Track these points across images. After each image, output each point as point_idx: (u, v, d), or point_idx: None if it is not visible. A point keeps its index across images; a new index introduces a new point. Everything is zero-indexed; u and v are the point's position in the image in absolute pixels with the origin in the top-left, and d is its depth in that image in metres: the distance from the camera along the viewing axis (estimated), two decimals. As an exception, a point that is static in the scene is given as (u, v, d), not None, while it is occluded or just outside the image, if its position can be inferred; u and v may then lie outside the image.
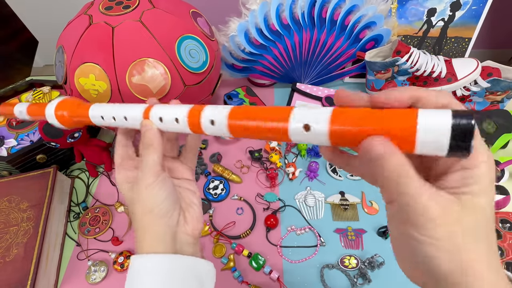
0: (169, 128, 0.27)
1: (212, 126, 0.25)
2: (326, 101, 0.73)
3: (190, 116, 0.26)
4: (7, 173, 0.63)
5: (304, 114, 0.21)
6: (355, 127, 0.18)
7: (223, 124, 0.24)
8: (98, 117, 0.31)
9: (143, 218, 0.27)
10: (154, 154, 0.27)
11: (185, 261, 0.27)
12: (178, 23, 0.55)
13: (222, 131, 0.24)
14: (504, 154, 0.65)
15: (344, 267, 0.52)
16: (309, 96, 0.75)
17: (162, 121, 0.27)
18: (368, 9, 0.68)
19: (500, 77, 0.64)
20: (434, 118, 0.16)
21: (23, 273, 0.48)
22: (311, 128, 0.20)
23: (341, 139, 0.19)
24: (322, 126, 0.19)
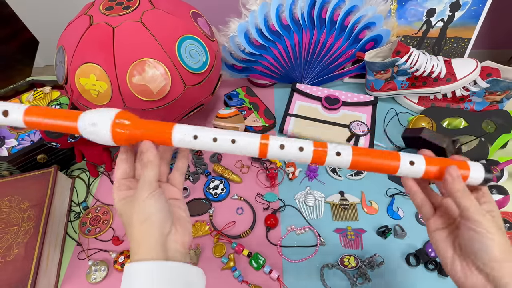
0: (288, 156, 0.32)
1: (338, 158, 0.31)
2: (326, 101, 0.73)
3: (316, 146, 0.31)
4: (8, 173, 0.64)
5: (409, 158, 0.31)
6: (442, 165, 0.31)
7: (347, 160, 0.31)
8: (189, 136, 0.31)
9: (140, 227, 0.29)
10: (152, 171, 0.31)
11: (175, 267, 0.29)
12: (178, 24, 0.55)
13: (344, 164, 0.31)
14: (504, 154, 0.65)
15: (344, 266, 0.52)
16: (309, 96, 0.75)
17: (283, 148, 0.31)
18: (367, 10, 0.68)
19: (500, 77, 0.64)
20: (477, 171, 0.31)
21: (23, 273, 0.49)
22: (415, 164, 0.31)
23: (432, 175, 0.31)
24: (421, 165, 0.31)
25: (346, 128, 0.69)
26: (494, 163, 0.58)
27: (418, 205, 0.34)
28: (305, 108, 0.74)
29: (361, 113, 0.72)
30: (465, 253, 0.29)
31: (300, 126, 0.70)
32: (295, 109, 0.74)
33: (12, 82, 0.76)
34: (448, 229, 0.32)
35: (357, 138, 0.67)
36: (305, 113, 0.73)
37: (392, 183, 0.63)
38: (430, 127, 0.65)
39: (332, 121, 0.71)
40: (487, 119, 0.64)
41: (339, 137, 0.68)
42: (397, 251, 0.54)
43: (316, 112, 0.73)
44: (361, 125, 0.69)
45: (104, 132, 0.30)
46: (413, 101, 0.75)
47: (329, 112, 0.73)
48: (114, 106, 0.53)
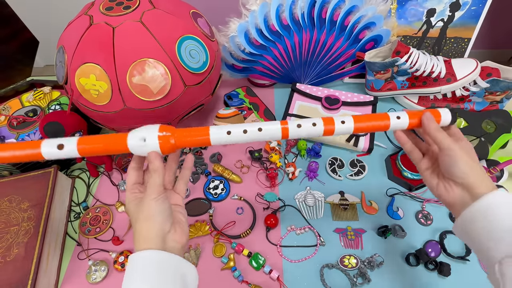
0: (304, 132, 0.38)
1: (344, 125, 0.38)
2: (326, 101, 0.73)
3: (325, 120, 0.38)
4: (8, 173, 0.64)
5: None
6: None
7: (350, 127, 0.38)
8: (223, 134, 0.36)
9: (144, 223, 0.34)
10: (158, 177, 0.35)
11: (171, 257, 0.34)
12: (178, 24, 0.55)
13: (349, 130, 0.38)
14: (504, 154, 0.65)
15: (344, 266, 0.52)
16: (309, 96, 0.75)
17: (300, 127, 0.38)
18: (367, 10, 0.68)
19: (499, 77, 0.64)
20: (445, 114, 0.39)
21: (23, 273, 0.49)
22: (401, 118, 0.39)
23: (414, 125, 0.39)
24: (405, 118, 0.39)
25: None
26: (494, 163, 0.58)
27: (408, 151, 0.43)
28: (305, 108, 0.74)
29: (361, 113, 0.72)
30: (445, 176, 0.39)
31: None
32: (295, 109, 0.74)
33: (12, 82, 0.76)
34: (433, 167, 0.41)
35: (357, 138, 0.66)
36: (305, 113, 0.72)
37: (392, 183, 0.64)
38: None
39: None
40: (487, 119, 0.64)
41: (339, 137, 0.68)
42: (397, 251, 0.54)
43: (316, 112, 0.73)
44: None
45: (153, 145, 0.35)
46: (413, 101, 0.75)
47: (329, 112, 0.73)
48: (114, 106, 0.54)
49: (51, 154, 0.34)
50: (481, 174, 0.36)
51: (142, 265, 0.32)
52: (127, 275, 0.32)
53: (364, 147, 0.66)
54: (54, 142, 0.34)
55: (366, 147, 0.66)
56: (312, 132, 0.38)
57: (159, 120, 0.59)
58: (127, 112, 0.55)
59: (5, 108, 0.72)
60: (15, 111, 0.71)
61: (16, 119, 0.68)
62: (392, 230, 0.56)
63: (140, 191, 0.38)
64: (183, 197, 0.41)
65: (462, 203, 0.36)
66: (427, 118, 0.38)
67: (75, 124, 0.58)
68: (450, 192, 0.37)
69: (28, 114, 0.70)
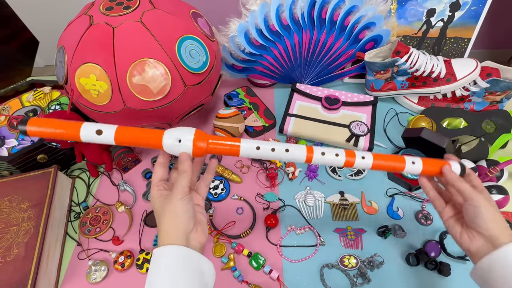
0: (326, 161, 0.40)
1: (363, 161, 0.41)
2: (326, 101, 0.73)
3: (347, 153, 0.40)
4: (8, 173, 0.64)
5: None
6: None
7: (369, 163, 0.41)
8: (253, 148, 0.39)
9: (170, 221, 0.36)
10: (186, 178, 0.37)
11: (194, 255, 0.35)
12: (178, 24, 0.55)
13: (367, 166, 0.41)
14: (504, 154, 0.65)
15: (344, 266, 0.52)
16: (308, 96, 0.75)
17: (324, 155, 0.40)
18: (367, 10, 0.69)
19: (499, 77, 0.64)
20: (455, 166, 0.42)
21: (23, 273, 0.49)
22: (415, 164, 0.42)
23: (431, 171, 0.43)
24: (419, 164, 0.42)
25: (346, 128, 0.69)
26: (494, 163, 0.58)
27: (432, 199, 0.44)
28: (305, 108, 0.73)
29: (361, 113, 0.72)
30: (468, 225, 0.39)
31: (300, 126, 0.70)
32: (295, 109, 0.73)
33: (12, 82, 0.76)
34: (456, 216, 0.42)
35: (357, 138, 0.67)
36: (305, 113, 0.72)
37: (392, 183, 0.64)
38: (430, 127, 0.65)
39: (332, 121, 0.70)
40: (487, 119, 0.64)
41: (339, 137, 0.68)
42: (397, 251, 0.54)
43: (316, 112, 0.73)
44: (361, 125, 0.68)
45: (186, 147, 0.37)
46: (413, 101, 0.75)
47: (329, 112, 0.73)
48: (114, 106, 0.54)
49: (88, 137, 0.36)
50: (503, 225, 0.37)
51: (168, 260, 0.34)
52: (152, 269, 0.34)
53: (364, 147, 0.66)
54: (94, 127, 0.36)
55: (366, 147, 0.66)
56: (334, 162, 0.40)
57: (159, 120, 0.59)
58: (127, 112, 0.55)
59: (5, 108, 0.72)
60: (15, 111, 0.71)
61: (16, 119, 0.68)
62: (392, 230, 0.56)
63: (165, 188, 0.39)
64: (204, 198, 0.43)
65: (484, 252, 0.37)
66: (447, 170, 0.41)
67: (75, 124, 0.58)
68: (474, 241, 0.38)
69: (28, 114, 0.70)
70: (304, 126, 0.70)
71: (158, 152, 0.70)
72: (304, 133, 0.69)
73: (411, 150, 0.64)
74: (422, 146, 0.60)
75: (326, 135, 0.68)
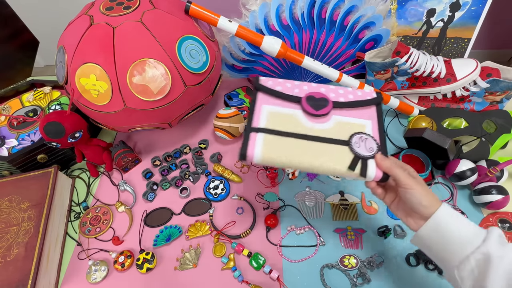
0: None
1: None
2: (309, 103, 0.46)
3: None
4: (8, 173, 0.64)
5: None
6: None
7: None
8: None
9: None
10: None
11: None
12: (178, 24, 0.55)
13: None
14: (504, 154, 0.65)
15: (344, 266, 0.52)
16: (281, 96, 0.48)
17: None
18: (367, 10, 0.69)
19: (499, 78, 0.64)
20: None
21: (24, 273, 0.49)
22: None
23: None
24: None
25: (345, 146, 0.44)
26: (494, 163, 0.58)
27: (372, 190, 0.46)
28: (277, 116, 0.46)
29: (363, 119, 0.47)
30: (409, 210, 0.42)
31: (273, 148, 0.43)
32: (262, 119, 0.46)
33: (12, 82, 0.76)
34: (396, 200, 0.44)
35: (365, 162, 0.43)
36: (278, 125, 0.45)
37: (392, 183, 0.63)
38: (430, 127, 0.65)
39: (321, 135, 0.44)
40: (488, 119, 0.64)
41: (336, 162, 0.43)
42: (397, 251, 0.54)
43: (295, 122, 0.46)
44: (367, 140, 0.44)
45: None
46: (413, 101, 0.75)
47: (316, 120, 0.46)
48: (114, 106, 0.54)
49: None
50: (433, 198, 0.41)
51: None
52: None
53: (377, 176, 0.43)
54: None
55: (380, 175, 0.42)
56: None
57: (159, 120, 0.60)
58: (127, 112, 0.55)
59: (5, 108, 0.72)
60: (15, 111, 0.71)
61: (16, 119, 0.68)
62: (392, 230, 0.56)
63: None
64: None
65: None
66: (381, 158, 0.42)
67: (75, 124, 0.58)
68: (419, 225, 0.41)
69: (28, 114, 0.70)
70: (280, 148, 0.43)
71: (158, 152, 0.71)
72: (281, 159, 0.43)
73: (413, 150, 0.64)
74: (424, 146, 0.60)
75: (315, 159, 0.43)
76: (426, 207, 0.40)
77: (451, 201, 0.59)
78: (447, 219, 0.39)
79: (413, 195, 0.40)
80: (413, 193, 0.40)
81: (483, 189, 0.56)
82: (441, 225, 0.39)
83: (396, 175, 0.41)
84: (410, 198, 0.41)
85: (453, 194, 0.60)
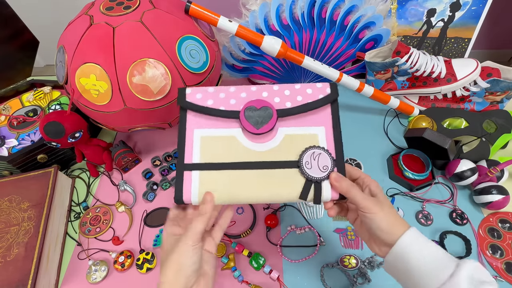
0: None
1: None
2: (247, 116, 0.39)
3: None
4: (8, 173, 0.64)
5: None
6: None
7: None
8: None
9: (173, 272, 0.33)
10: (202, 224, 0.34)
11: None
12: (178, 24, 0.55)
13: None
14: (504, 154, 0.65)
15: (344, 266, 0.52)
16: (213, 113, 0.39)
17: None
18: (367, 9, 0.68)
19: (500, 78, 0.64)
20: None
21: (24, 273, 0.49)
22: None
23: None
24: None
25: (295, 168, 0.38)
26: (495, 163, 0.58)
27: (337, 214, 0.41)
28: (213, 143, 0.39)
29: (315, 125, 0.39)
30: (371, 234, 0.37)
31: (211, 187, 0.37)
32: (195, 151, 0.39)
33: (12, 82, 0.76)
34: (359, 219, 0.40)
35: (318, 186, 0.37)
36: (215, 156, 0.38)
37: (392, 183, 0.63)
38: (430, 127, 0.65)
39: (267, 159, 0.38)
40: (488, 119, 0.64)
41: (286, 190, 0.37)
42: (397, 251, 0.54)
43: (235, 147, 0.39)
44: (320, 156, 0.37)
45: None
46: (413, 101, 0.75)
47: (259, 139, 0.39)
48: (114, 106, 0.54)
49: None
50: (392, 222, 0.35)
51: None
52: None
53: (333, 197, 0.38)
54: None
55: (336, 196, 0.38)
56: None
57: (159, 120, 0.59)
58: (127, 112, 0.55)
59: (5, 108, 0.72)
60: (15, 111, 0.71)
61: (16, 119, 0.68)
62: (392, 230, 0.56)
63: (179, 226, 0.36)
64: (216, 244, 0.38)
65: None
66: (336, 181, 0.36)
67: (75, 124, 0.58)
68: (383, 251, 0.37)
69: (28, 114, 0.70)
70: (220, 185, 0.37)
71: (158, 152, 0.71)
72: (223, 199, 0.37)
73: (413, 150, 0.64)
74: (424, 146, 0.60)
75: (264, 191, 0.37)
76: (387, 234, 0.35)
77: (451, 201, 0.59)
78: (410, 249, 0.34)
79: (372, 220, 0.35)
80: (372, 217, 0.35)
81: (484, 189, 0.56)
82: (404, 255, 0.34)
83: (353, 197, 0.36)
84: (369, 223, 0.36)
85: (453, 194, 0.60)
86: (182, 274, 0.32)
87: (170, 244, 0.34)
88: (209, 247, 0.37)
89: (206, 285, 0.34)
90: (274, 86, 0.42)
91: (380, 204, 0.36)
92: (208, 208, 0.34)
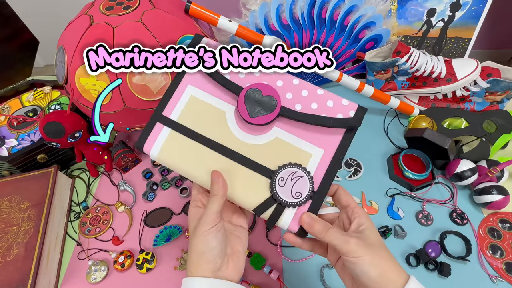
0: None
1: None
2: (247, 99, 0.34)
3: None
4: (8, 173, 0.64)
5: None
6: None
7: None
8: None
9: (197, 257, 0.32)
10: (216, 204, 0.32)
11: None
12: (178, 24, 0.55)
13: None
14: (504, 154, 0.65)
15: (344, 266, 0.52)
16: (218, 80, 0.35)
17: None
18: (367, 9, 0.68)
19: (500, 78, 0.64)
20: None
21: (24, 273, 0.49)
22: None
23: None
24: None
25: (267, 178, 0.34)
26: (495, 163, 0.58)
27: (311, 250, 0.36)
28: (199, 108, 0.36)
29: (315, 145, 0.34)
30: (356, 281, 0.31)
31: (175, 151, 0.35)
32: (178, 106, 0.36)
33: (12, 82, 0.76)
34: (341, 260, 0.34)
35: (280, 209, 0.33)
36: (195, 122, 0.35)
37: (392, 182, 0.63)
38: (430, 127, 0.65)
39: (245, 154, 0.34)
40: (488, 119, 0.64)
41: (248, 196, 0.34)
42: (397, 251, 0.54)
43: (220, 125, 0.35)
44: (300, 181, 0.33)
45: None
46: (413, 101, 0.75)
47: (249, 129, 0.35)
48: (114, 106, 0.54)
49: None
50: (386, 267, 0.29)
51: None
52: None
53: (291, 228, 0.33)
54: None
55: (295, 228, 0.33)
56: None
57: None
58: (127, 112, 0.55)
59: (5, 108, 0.72)
60: (15, 111, 0.71)
61: (16, 119, 0.68)
62: (392, 230, 0.56)
63: (203, 204, 0.35)
64: (249, 218, 0.36)
65: None
66: (307, 225, 0.32)
67: (75, 124, 0.58)
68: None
69: (28, 114, 0.70)
70: (185, 154, 0.35)
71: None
72: (181, 169, 0.35)
73: (413, 150, 0.64)
74: (424, 146, 0.60)
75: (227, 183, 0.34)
76: (378, 284, 0.28)
77: (451, 201, 0.59)
78: None
79: (355, 264, 0.29)
80: (355, 261, 0.29)
81: (484, 189, 0.56)
82: None
83: (331, 242, 0.30)
84: (352, 268, 0.29)
85: (454, 194, 0.60)
86: (204, 259, 0.31)
87: (195, 225, 0.33)
88: (241, 223, 0.35)
89: (236, 264, 0.32)
90: (294, 80, 0.35)
91: (368, 245, 0.29)
92: (219, 189, 0.32)
